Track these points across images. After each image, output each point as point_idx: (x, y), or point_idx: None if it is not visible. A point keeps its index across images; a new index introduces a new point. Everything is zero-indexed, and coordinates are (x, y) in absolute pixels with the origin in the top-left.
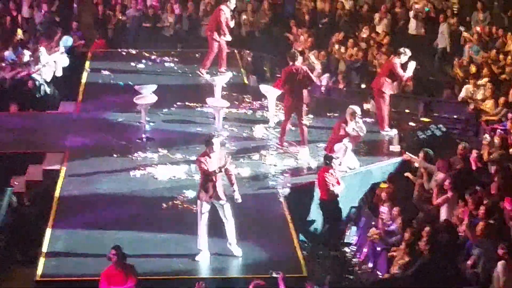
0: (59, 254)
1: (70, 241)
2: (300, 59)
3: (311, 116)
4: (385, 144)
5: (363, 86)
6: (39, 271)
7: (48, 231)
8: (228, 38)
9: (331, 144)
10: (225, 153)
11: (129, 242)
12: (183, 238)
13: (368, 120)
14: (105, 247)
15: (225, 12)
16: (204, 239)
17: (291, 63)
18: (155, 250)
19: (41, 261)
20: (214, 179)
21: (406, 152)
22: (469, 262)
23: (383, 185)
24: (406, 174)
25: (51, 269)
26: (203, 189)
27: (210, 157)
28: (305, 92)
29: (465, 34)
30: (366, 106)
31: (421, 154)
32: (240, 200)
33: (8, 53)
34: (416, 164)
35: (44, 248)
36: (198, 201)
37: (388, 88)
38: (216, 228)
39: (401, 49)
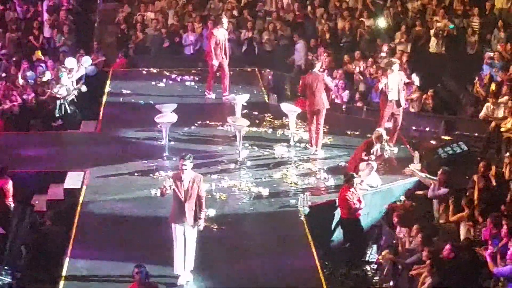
0: (80, 275)
1: (91, 261)
2: (318, 66)
3: (330, 136)
4: (406, 162)
5: None
6: None
7: (69, 251)
8: (215, 63)
9: (355, 163)
10: (199, 177)
11: (151, 261)
12: (204, 256)
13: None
14: (127, 267)
15: (216, 35)
16: (179, 262)
17: (310, 70)
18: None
19: (62, 283)
20: (184, 202)
21: (410, 166)
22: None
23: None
24: (417, 192)
25: None
26: (173, 211)
27: (181, 180)
28: (324, 97)
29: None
30: (387, 124)
31: (440, 172)
32: (201, 228)
33: (30, 74)
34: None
35: (65, 269)
36: (172, 224)
37: None
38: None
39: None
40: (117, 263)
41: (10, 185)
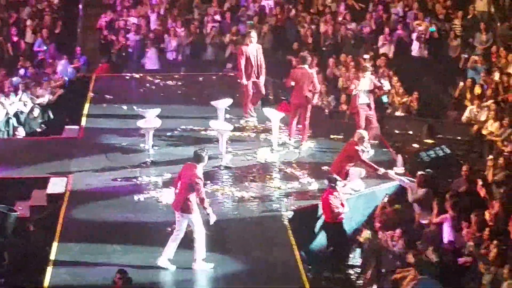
0: (63, 280)
1: (74, 267)
2: (309, 61)
3: (313, 140)
4: (389, 165)
5: None
6: None
7: (52, 258)
8: (244, 81)
9: (338, 166)
10: None
11: (134, 266)
12: (187, 262)
13: (371, 142)
14: (110, 272)
15: (246, 52)
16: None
17: (300, 65)
18: (159, 274)
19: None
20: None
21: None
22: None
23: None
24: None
25: None
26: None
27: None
28: (310, 94)
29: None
30: None
31: (419, 175)
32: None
33: (15, 79)
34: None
35: (48, 275)
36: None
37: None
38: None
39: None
40: (100, 268)
41: None
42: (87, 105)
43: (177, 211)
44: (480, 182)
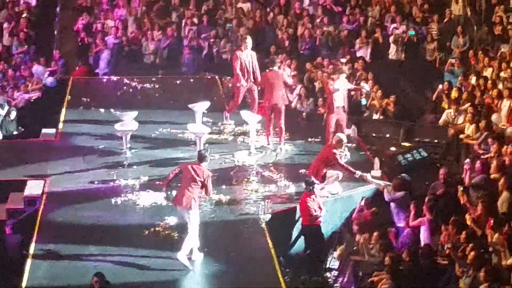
0: (40, 284)
1: (51, 270)
2: (278, 63)
3: (290, 143)
4: (366, 169)
5: None
6: None
7: (29, 260)
8: (243, 82)
9: (320, 169)
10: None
11: (111, 269)
12: (164, 264)
13: (348, 145)
14: (88, 275)
15: (240, 57)
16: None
17: (270, 68)
18: (137, 277)
19: None
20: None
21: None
22: None
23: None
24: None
25: None
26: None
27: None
28: (283, 94)
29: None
30: (347, 131)
31: (395, 179)
32: None
33: None
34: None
35: (25, 278)
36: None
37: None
38: None
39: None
40: (77, 271)
41: None
42: (64, 108)
43: (180, 206)
44: (460, 188)
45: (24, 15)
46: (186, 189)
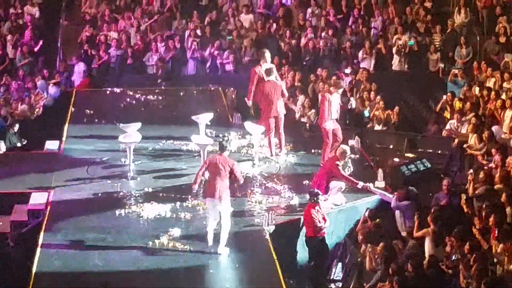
0: None
1: (55, 283)
2: (274, 74)
3: (293, 154)
4: (370, 179)
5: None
6: None
7: (33, 272)
8: (249, 103)
9: (323, 181)
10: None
11: (115, 281)
12: (168, 276)
13: (352, 156)
14: (92, 287)
15: (258, 73)
16: (210, 235)
17: (267, 79)
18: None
19: None
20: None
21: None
22: None
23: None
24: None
25: None
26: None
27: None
28: (282, 104)
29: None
30: (350, 142)
31: (400, 191)
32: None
33: None
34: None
35: None
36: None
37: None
38: None
39: None
40: (81, 282)
41: None
42: (67, 120)
43: (212, 198)
44: (464, 197)
45: (27, 27)
46: (216, 181)
